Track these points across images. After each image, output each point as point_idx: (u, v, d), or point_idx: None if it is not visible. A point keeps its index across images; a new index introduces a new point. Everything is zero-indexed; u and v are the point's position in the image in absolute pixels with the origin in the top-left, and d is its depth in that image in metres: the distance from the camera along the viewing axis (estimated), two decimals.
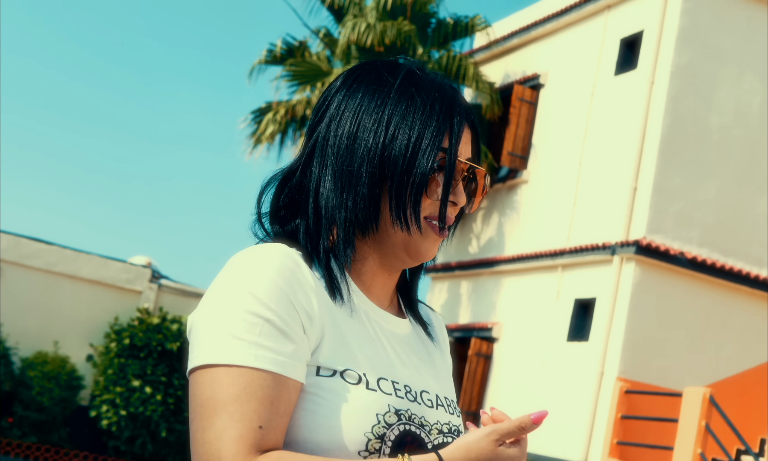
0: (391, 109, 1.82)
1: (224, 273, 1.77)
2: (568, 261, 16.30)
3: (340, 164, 1.83)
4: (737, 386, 15.43)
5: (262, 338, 1.68)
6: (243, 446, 1.65)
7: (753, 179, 15.92)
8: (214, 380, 1.67)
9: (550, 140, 17.89)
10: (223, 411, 1.66)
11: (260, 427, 1.65)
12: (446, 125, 1.83)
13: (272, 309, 1.70)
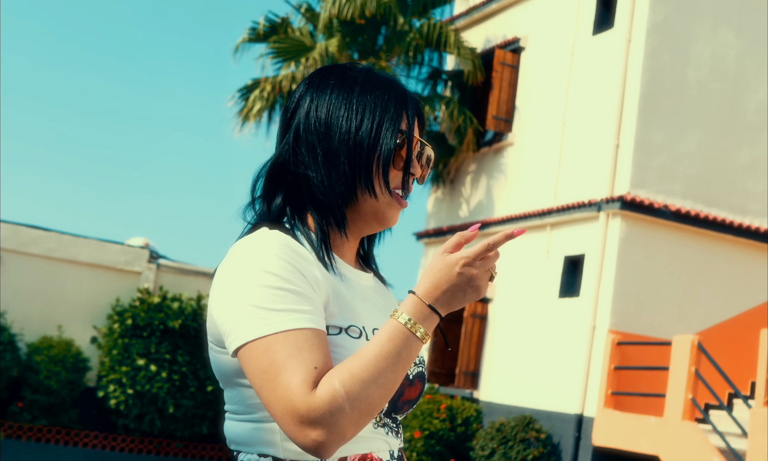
0: (357, 100, 2.26)
1: (232, 261, 2.15)
2: (556, 220, 16.54)
3: (323, 147, 2.25)
4: (726, 332, 15.77)
5: (289, 304, 2.06)
6: (307, 386, 2.00)
7: (732, 130, 16.16)
8: (267, 349, 2.03)
9: (533, 102, 18.11)
10: (283, 370, 2.01)
11: (315, 368, 2.02)
12: (402, 111, 2.28)
13: (288, 279, 2.08)
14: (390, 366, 2.03)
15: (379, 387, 2.02)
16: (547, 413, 15.86)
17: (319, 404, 1.97)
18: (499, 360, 17.40)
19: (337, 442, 1.99)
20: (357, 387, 2.00)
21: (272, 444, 2.15)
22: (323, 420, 1.97)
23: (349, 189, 2.25)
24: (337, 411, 1.98)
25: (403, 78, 19.76)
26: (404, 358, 2.05)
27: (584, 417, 15.30)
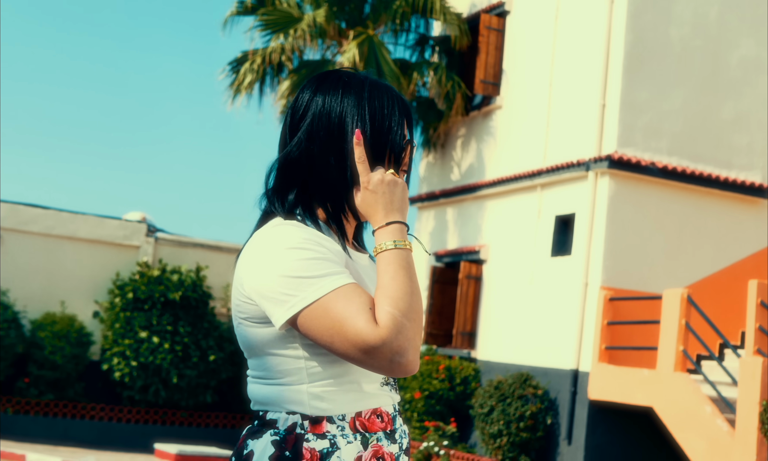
0: (368, 105, 2.61)
1: (260, 247, 2.53)
2: (546, 181, 16.81)
3: (337, 146, 2.60)
4: (715, 284, 16.06)
5: (326, 269, 2.44)
6: (370, 322, 2.37)
7: (715, 86, 16.40)
8: (326, 308, 2.41)
9: (520, 65, 18.33)
10: (346, 319, 2.39)
11: (370, 308, 2.40)
12: (404, 118, 2.66)
13: (317, 250, 2.48)
14: (409, 278, 2.44)
15: (414, 295, 2.42)
16: (544, 369, 16.17)
17: (387, 332, 2.35)
18: (494, 320, 17.72)
19: (415, 353, 2.39)
20: (403, 304, 2.39)
21: (300, 403, 2.51)
22: (397, 341, 2.36)
23: (352, 184, 2.60)
24: (403, 329, 2.36)
25: (391, 45, 20.02)
26: (411, 268, 2.48)
27: (579, 372, 15.59)
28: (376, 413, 2.57)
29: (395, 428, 2.61)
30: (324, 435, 2.47)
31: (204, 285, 20.41)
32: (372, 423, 2.54)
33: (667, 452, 14.78)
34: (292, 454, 2.45)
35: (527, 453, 15.79)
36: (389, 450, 2.56)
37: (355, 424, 2.51)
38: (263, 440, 2.50)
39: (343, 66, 17.97)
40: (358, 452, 2.48)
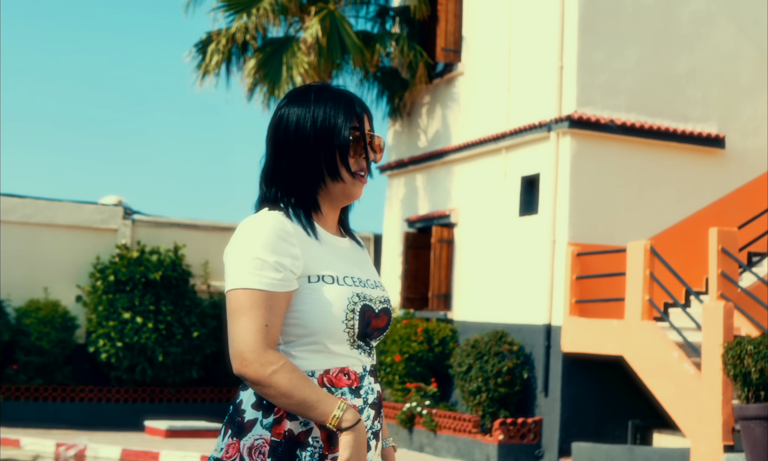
0: (314, 109, 3.14)
1: (240, 232, 3.08)
2: (510, 143, 17.21)
3: (291, 150, 3.14)
4: (679, 234, 16.55)
5: (264, 271, 2.99)
6: (260, 337, 2.95)
7: (668, 42, 16.84)
8: (238, 297, 2.99)
9: (479, 31, 18.68)
10: (245, 316, 2.97)
11: (266, 325, 2.97)
12: (351, 113, 3.16)
13: (269, 253, 2.99)
14: (302, 404, 2.91)
15: (289, 398, 2.90)
16: (518, 326, 16.61)
17: (256, 355, 2.92)
18: (468, 281, 18.18)
19: (248, 380, 2.94)
20: (282, 382, 2.90)
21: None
22: (249, 368, 2.92)
23: (318, 179, 3.14)
24: (261, 376, 2.90)
25: (353, 18, 20.37)
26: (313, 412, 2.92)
27: (552, 327, 16.04)
28: (344, 371, 3.06)
29: (361, 385, 3.09)
30: None
31: (183, 263, 20.83)
32: (339, 380, 3.05)
33: (639, 397, 15.27)
34: (268, 403, 3.00)
35: (506, 408, 16.31)
36: (352, 403, 3.05)
37: (322, 380, 3.02)
38: (249, 391, 3.06)
39: (307, 42, 18.40)
40: None
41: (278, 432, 2.98)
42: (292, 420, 2.99)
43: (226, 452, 3.04)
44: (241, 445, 3.02)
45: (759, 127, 17.40)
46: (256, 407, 3.03)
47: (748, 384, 11.77)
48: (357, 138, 3.15)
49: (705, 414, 13.04)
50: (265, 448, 2.98)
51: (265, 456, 2.98)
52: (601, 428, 15.76)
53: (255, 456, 2.99)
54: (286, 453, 2.98)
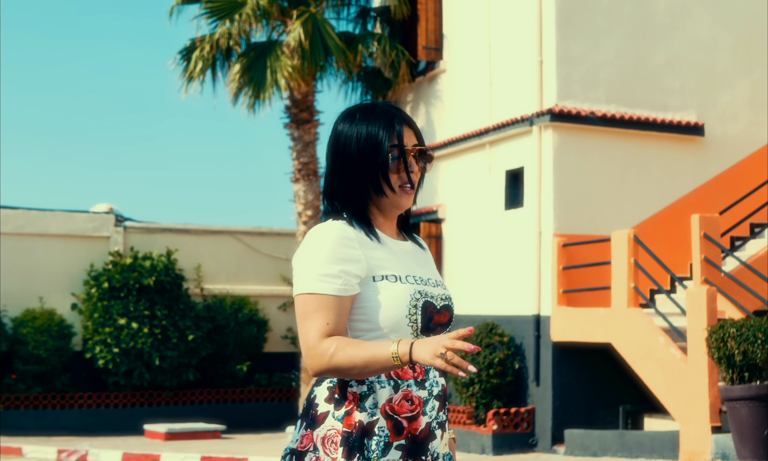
0: (358, 129, 3.43)
1: (307, 241, 3.39)
2: (493, 138, 17.46)
3: (341, 168, 3.46)
4: (662, 222, 16.83)
5: (328, 277, 3.29)
6: (318, 334, 3.26)
7: (645, 33, 17.10)
8: (305, 301, 3.31)
9: (459, 29, 18.93)
10: (310, 318, 3.30)
11: (327, 323, 3.28)
12: (391, 130, 3.43)
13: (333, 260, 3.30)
14: (370, 365, 3.19)
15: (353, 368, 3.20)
16: (508, 317, 16.87)
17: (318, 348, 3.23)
18: (457, 275, 18.44)
19: (315, 376, 3.28)
20: (340, 359, 3.20)
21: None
22: (316, 360, 3.23)
23: (365, 194, 3.44)
24: (324, 360, 3.21)
25: (334, 20, 20.62)
26: (382, 367, 3.20)
27: (541, 317, 16.31)
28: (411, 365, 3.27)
29: (427, 378, 3.36)
30: (363, 382, 3.30)
31: (176, 268, 21.10)
32: (405, 372, 3.33)
33: (628, 383, 15.54)
34: (340, 396, 3.31)
35: (499, 398, 16.62)
36: (418, 394, 3.32)
37: (390, 373, 3.31)
38: (323, 386, 3.37)
39: (290, 45, 18.65)
40: (389, 394, 3.28)
41: (349, 423, 3.26)
42: (361, 412, 3.27)
43: (300, 442, 3.34)
44: (314, 436, 3.31)
45: (737, 113, 17.73)
46: (328, 400, 3.32)
47: (732, 366, 12.08)
48: (396, 155, 3.42)
49: (692, 397, 13.36)
50: (337, 438, 3.27)
51: (338, 445, 3.26)
52: (593, 414, 16.07)
53: (328, 445, 3.28)
54: (357, 442, 3.25)
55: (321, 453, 3.28)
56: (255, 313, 21.81)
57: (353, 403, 3.28)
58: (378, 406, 3.28)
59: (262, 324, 21.97)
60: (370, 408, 3.27)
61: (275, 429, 20.65)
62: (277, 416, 21.34)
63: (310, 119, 19.85)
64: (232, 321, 21.34)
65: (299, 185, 19.74)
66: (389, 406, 3.29)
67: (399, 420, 3.28)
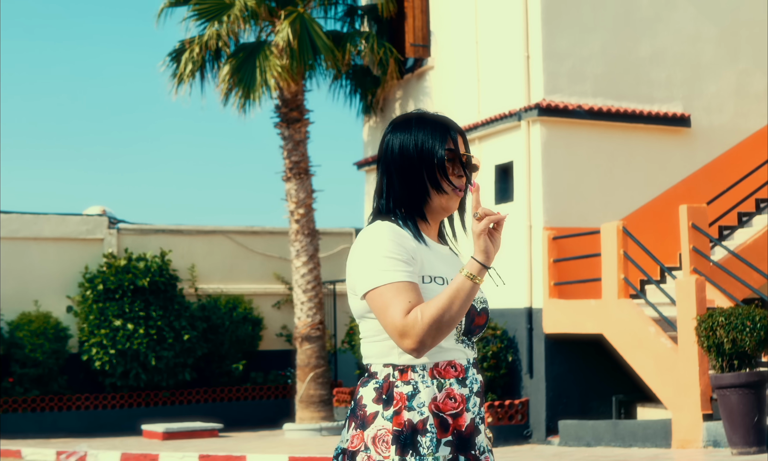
0: (415, 135, 3.62)
1: (363, 240, 3.53)
2: (482, 133, 17.63)
3: (399, 171, 3.62)
4: (651, 213, 17.01)
5: (396, 266, 3.41)
6: (403, 312, 3.28)
7: (630, 27, 17.28)
8: (383, 293, 3.37)
9: (446, 26, 19.08)
10: (391, 304, 3.36)
11: (409, 302, 3.36)
12: (446, 136, 3.61)
13: (396, 252, 3.45)
14: (450, 300, 3.33)
15: (443, 311, 3.32)
16: (500, 310, 16.95)
17: (406, 324, 3.31)
18: None
19: (420, 348, 3.33)
20: (428, 312, 3.30)
21: (391, 356, 3.48)
22: (410, 333, 3.31)
23: (423, 193, 3.59)
24: (417, 327, 3.30)
25: (322, 20, 20.75)
26: (461, 294, 3.35)
27: (533, 309, 16.50)
28: (451, 364, 3.46)
29: (467, 376, 3.51)
30: (408, 382, 3.41)
31: (170, 268, 21.26)
32: (447, 371, 3.47)
33: (621, 373, 15.72)
34: (387, 397, 3.43)
35: (493, 390, 16.80)
36: (460, 392, 3.46)
37: (432, 373, 3.44)
38: (369, 387, 3.48)
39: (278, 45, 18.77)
40: (433, 394, 3.42)
41: (399, 422, 3.39)
42: (410, 411, 3.41)
43: (351, 442, 3.47)
44: (365, 435, 3.43)
45: (723, 104, 17.91)
46: (376, 401, 3.44)
47: (722, 355, 12.26)
48: (452, 158, 3.59)
49: (683, 385, 13.54)
50: (387, 437, 3.39)
51: (389, 444, 3.39)
52: (586, 405, 16.26)
53: (379, 444, 3.40)
54: (408, 440, 3.38)
55: (372, 452, 3.41)
56: (249, 312, 21.98)
57: (401, 403, 3.42)
58: (425, 405, 3.42)
59: (257, 323, 22.15)
60: (418, 407, 3.41)
61: (272, 427, 20.82)
62: (274, 413, 21.52)
63: (301, 118, 19.98)
64: (227, 321, 21.50)
65: (291, 184, 19.88)
66: (434, 404, 3.43)
67: (444, 417, 3.43)
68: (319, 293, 19.88)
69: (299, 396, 19.57)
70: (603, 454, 13.79)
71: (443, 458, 3.42)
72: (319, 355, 19.69)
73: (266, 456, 15.52)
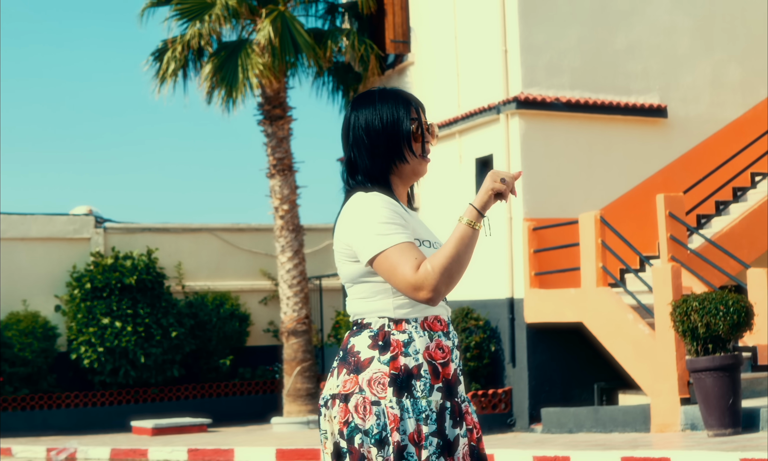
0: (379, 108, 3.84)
1: (355, 208, 3.76)
2: (462, 127, 17.83)
3: (367, 143, 3.84)
4: (629, 203, 17.22)
5: (395, 230, 3.65)
6: (414, 268, 3.49)
7: (606, 19, 17.50)
8: (389, 255, 3.57)
9: (425, 22, 19.30)
10: (400, 264, 3.58)
11: (416, 258, 3.59)
12: (409, 107, 3.86)
13: (392, 217, 3.69)
14: (455, 247, 3.55)
15: (451, 259, 3.55)
16: (482, 301, 17.23)
17: (418, 278, 3.54)
18: None
19: (435, 295, 3.56)
20: (437, 262, 3.52)
21: (387, 310, 3.72)
22: (424, 284, 3.53)
23: (389, 163, 3.83)
24: (430, 278, 3.53)
25: (303, 17, 20.95)
26: (464, 240, 3.58)
27: (515, 300, 16.69)
28: (437, 319, 3.71)
29: (449, 330, 3.78)
30: (404, 331, 3.65)
31: (157, 266, 21.46)
32: (434, 325, 3.72)
33: (601, 360, 15.94)
34: (384, 343, 3.67)
35: (477, 380, 17.00)
36: (446, 344, 3.73)
37: (424, 325, 3.70)
38: (362, 336, 3.73)
39: (260, 43, 18.98)
40: (426, 343, 3.68)
41: (396, 366, 3.63)
42: (406, 357, 3.66)
43: (344, 386, 3.69)
44: (360, 379, 3.65)
45: (699, 94, 18.16)
46: (372, 347, 3.66)
47: (696, 339, 12.48)
48: (416, 126, 3.83)
49: (661, 370, 13.76)
50: (384, 380, 3.63)
51: (386, 386, 3.62)
52: (568, 393, 16.48)
53: (375, 386, 3.63)
54: (404, 383, 3.63)
55: (368, 393, 3.63)
56: (236, 308, 22.20)
57: (398, 349, 3.65)
58: (420, 352, 3.66)
59: (244, 319, 22.36)
60: (413, 353, 3.65)
61: (260, 421, 21.03)
62: (262, 408, 21.74)
63: (284, 115, 20.20)
64: (214, 317, 21.71)
65: (275, 180, 20.09)
66: (427, 353, 3.68)
67: (436, 365, 3.67)
68: (304, 288, 20.10)
69: (286, 390, 19.80)
70: (584, 440, 14.00)
71: (435, 402, 3.67)
72: (305, 349, 19.92)
73: (254, 449, 15.72)
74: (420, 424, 3.63)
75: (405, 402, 3.63)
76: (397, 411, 3.61)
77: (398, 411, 3.61)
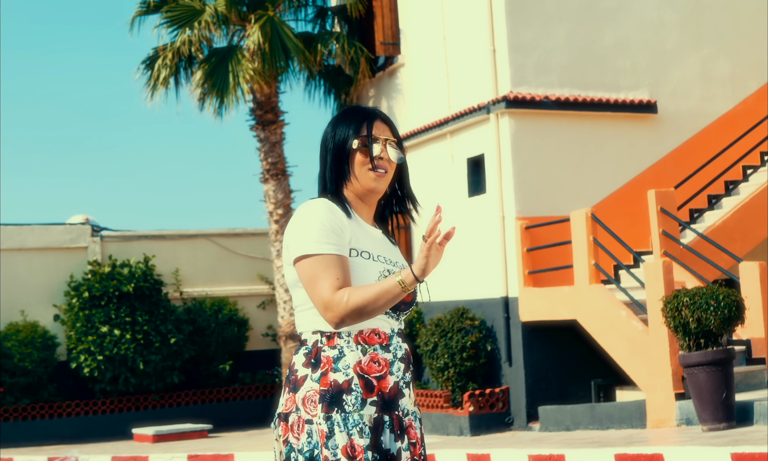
0: (335, 128, 4.01)
1: (299, 213, 3.92)
2: (453, 127, 17.89)
3: (322, 158, 4.02)
4: (621, 199, 17.28)
5: (328, 239, 3.79)
6: (332, 288, 3.70)
7: (594, 16, 17.55)
8: (312, 263, 3.78)
9: (414, 23, 19.37)
10: (320, 277, 3.74)
11: (337, 278, 3.73)
12: (361, 125, 3.98)
13: (328, 225, 3.83)
14: (382, 300, 3.66)
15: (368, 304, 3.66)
16: (477, 301, 17.29)
17: (332, 300, 3.66)
18: None
19: (338, 324, 3.69)
20: (356, 299, 3.65)
21: (319, 323, 3.82)
22: (334, 310, 3.66)
23: (340, 179, 3.96)
24: (341, 308, 3.65)
25: (293, 22, 21.00)
26: (393, 297, 3.67)
27: (509, 299, 16.73)
28: (375, 332, 3.78)
29: (391, 343, 3.85)
30: (334, 347, 3.74)
31: (154, 273, 21.50)
32: (371, 338, 3.81)
33: (597, 357, 15.95)
34: (315, 361, 3.78)
35: (474, 380, 17.05)
36: (384, 357, 3.81)
37: (357, 339, 3.78)
38: (300, 354, 3.85)
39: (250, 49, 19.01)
40: (358, 357, 3.77)
41: (325, 383, 3.74)
42: (335, 372, 3.75)
43: (285, 406, 3.81)
44: (296, 398, 3.77)
45: (688, 89, 18.22)
46: (306, 365, 3.77)
47: (688, 334, 12.52)
48: (359, 143, 3.91)
49: (655, 366, 13.82)
50: (315, 397, 3.73)
51: (316, 403, 3.73)
52: (565, 390, 16.53)
53: (307, 404, 3.74)
54: (334, 399, 3.72)
55: (302, 412, 3.74)
56: (235, 313, 22.24)
57: (327, 365, 3.75)
58: (350, 367, 3.74)
59: (243, 324, 22.40)
60: (343, 368, 3.73)
61: (261, 426, 21.08)
62: (262, 412, 21.77)
63: (276, 120, 20.24)
64: (213, 323, 21.76)
65: (269, 185, 20.14)
66: (359, 367, 3.76)
67: (369, 379, 3.76)
68: None
69: None
70: (581, 437, 14.05)
71: (368, 416, 3.74)
72: None
73: (254, 454, 15.77)
74: (353, 438, 3.70)
75: (335, 417, 3.70)
76: (325, 428, 3.69)
77: (326, 428, 3.69)
